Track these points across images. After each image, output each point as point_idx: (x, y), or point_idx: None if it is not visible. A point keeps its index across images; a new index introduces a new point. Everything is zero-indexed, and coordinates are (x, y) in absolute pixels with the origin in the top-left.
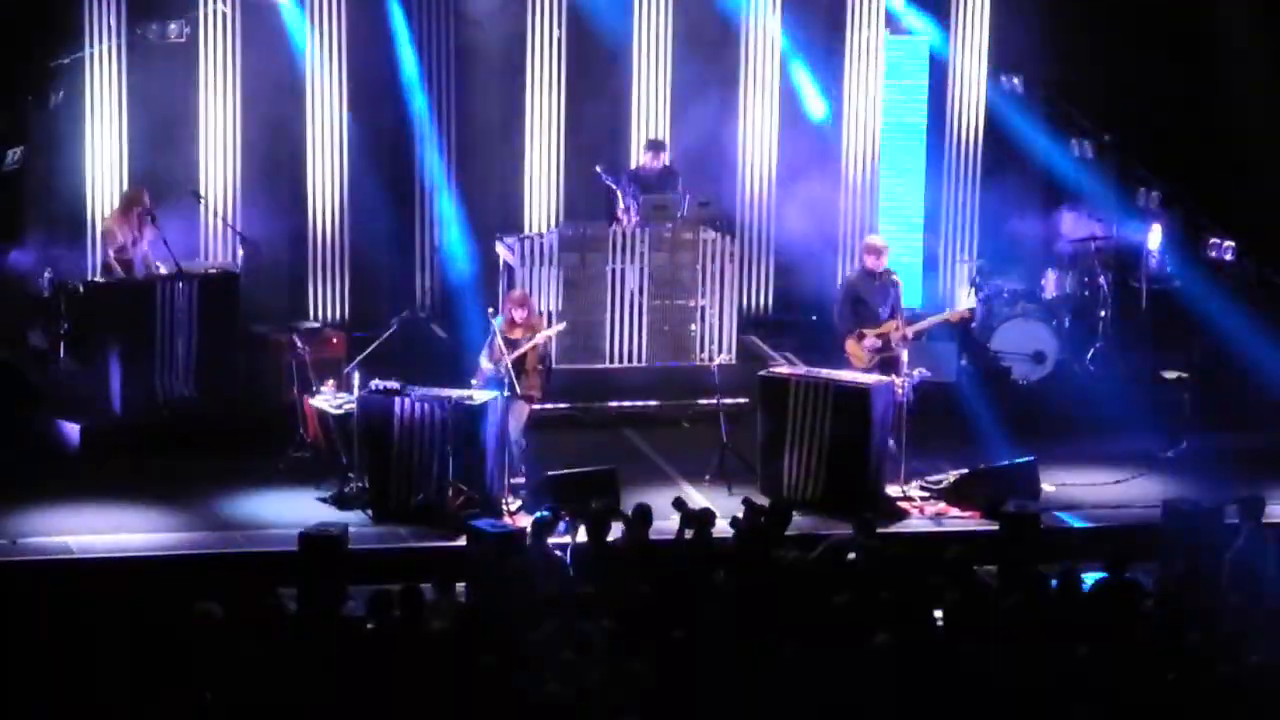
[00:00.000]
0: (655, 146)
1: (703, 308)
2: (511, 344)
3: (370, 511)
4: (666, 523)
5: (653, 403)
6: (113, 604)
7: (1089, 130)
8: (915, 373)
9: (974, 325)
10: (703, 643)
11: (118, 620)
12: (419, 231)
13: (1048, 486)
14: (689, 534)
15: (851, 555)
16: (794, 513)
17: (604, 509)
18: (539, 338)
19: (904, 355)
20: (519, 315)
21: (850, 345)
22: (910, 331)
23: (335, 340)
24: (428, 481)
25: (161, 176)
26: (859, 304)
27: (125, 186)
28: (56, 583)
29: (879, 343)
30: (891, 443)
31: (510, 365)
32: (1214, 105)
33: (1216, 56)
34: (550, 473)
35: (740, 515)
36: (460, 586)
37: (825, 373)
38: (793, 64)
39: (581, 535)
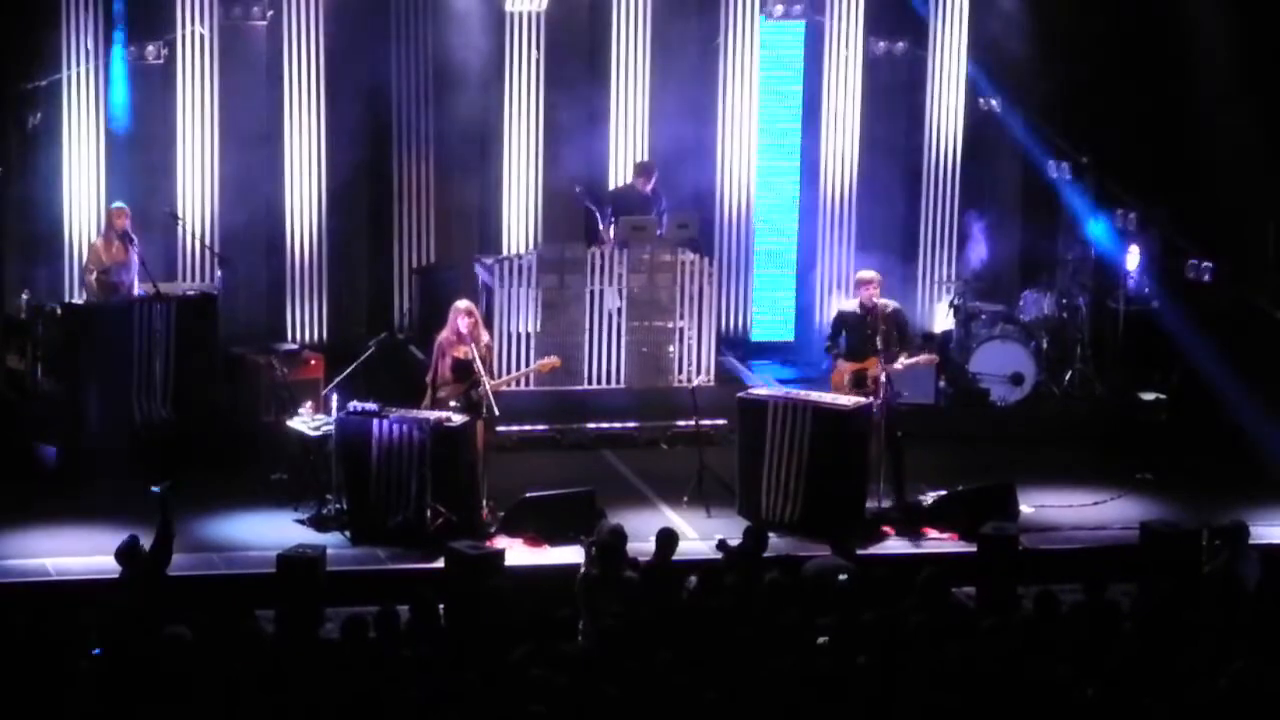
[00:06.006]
0: (644, 170)
1: (681, 329)
2: (461, 365)
3: (348, 533)
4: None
5: (631, 424)
6: (90, 626)
7: (1067, 151)
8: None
9: (951, 347)
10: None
11: (95, 642)
12: (397, 253)
13: (1026, 508)
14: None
15: (843, 576)
16: (771, 534)
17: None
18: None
19: (882, 378)
20: (465, 324)
21: (834, 375)
22: (886, 371)
23: (313, 362)
24: (406, 503)
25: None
26: (849, 335)
27: (103, 208)
28: (34, 605)
29: (848, 372)
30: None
31: (488, 388)
32: (1194, 126)
33: (1195, 78)
34: (528, 494)
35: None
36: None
37: (804, 394)
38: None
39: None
